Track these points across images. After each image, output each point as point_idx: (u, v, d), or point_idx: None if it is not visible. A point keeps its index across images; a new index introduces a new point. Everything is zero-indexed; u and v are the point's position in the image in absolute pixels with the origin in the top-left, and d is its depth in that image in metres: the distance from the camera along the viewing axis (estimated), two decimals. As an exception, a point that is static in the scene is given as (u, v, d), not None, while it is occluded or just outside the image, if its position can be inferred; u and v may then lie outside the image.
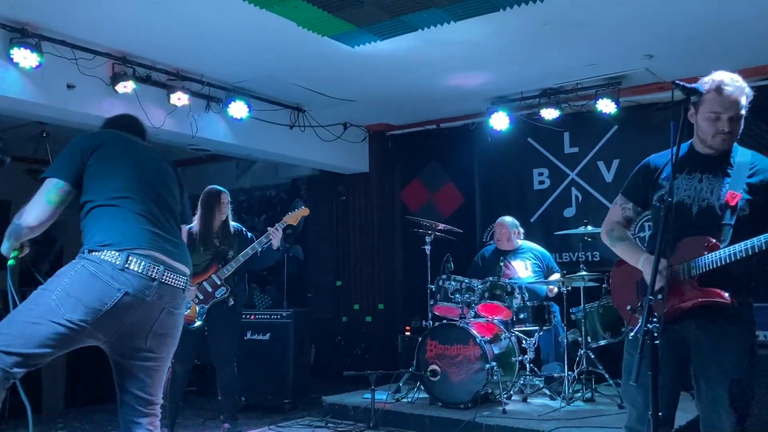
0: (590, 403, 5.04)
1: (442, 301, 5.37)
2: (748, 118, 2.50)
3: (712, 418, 2.42)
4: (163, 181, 2.76)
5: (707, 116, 2.42)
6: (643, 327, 2.05)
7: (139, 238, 2.49)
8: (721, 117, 2.40)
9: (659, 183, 2.53)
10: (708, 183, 2.46)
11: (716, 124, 2.41)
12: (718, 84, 2.41)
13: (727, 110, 2.39)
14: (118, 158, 2.66)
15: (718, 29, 4.78)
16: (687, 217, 2.43)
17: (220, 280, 4.69)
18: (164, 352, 2.63)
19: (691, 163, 2.49)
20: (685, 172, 2.49)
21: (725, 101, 2.39)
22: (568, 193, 6.68)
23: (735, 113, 2.40)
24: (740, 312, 2.40)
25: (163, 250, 2.53)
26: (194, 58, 5.36)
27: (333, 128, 7.06)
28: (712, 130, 2.42)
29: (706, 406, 2.44)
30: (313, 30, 4.64)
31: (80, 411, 6.10)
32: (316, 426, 5.20)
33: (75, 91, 4.93)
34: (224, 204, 4.83)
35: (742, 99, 2.40)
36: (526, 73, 5.74)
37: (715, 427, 2.42)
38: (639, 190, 2.63)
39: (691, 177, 2.48)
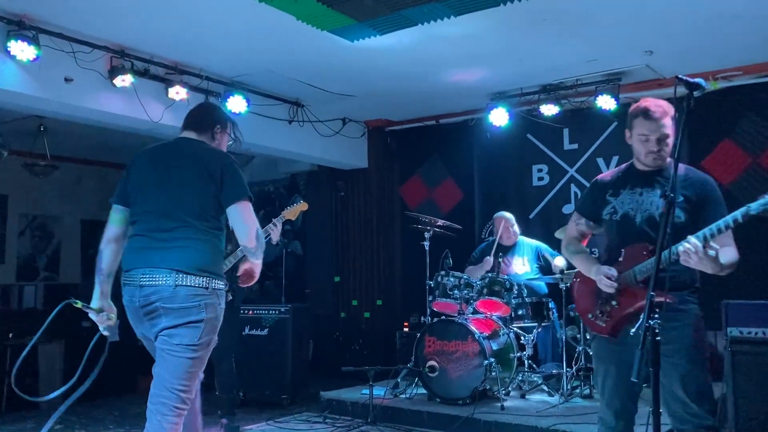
0: (588, 399, 5.04)
1: (440, 297, 5.37)
2: (748, 115, 2.60)
3: (675, 411, 2.61)
4: (174, 185, 2.88)
5: (638, 138, 2.72)
6: (645, 323, 2.07)
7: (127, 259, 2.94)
8: (650, 138, 2.67)
9: (607, 199, 2.82)
10: (647, 195, 2.73)
11: (646, 144, 2.69)
12: (644, 109, 2.69)
13: (653, 132, 2.66)
14: (135, 180, 3.02)
15: (718, 26, 4.77)
16: (632, 227, 2.71)
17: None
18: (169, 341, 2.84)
19: (632, 180, 2.79)
20: (627, 188, 2.78)
21: (652, 125, 2.66)
22: (568, 189, 6.67)
23: (661, 134, 2.66)
24: (686, 310, 2.63)
25: (145, 262, 2.82)
26: (193, 52, 5.33)
27: (332, 123, 7.04)
28: (644, 150, 2.70)
29: (668, 401, 2.61)
30: (312, 24, 4.62)
31: (77, 405, 6.08)
32: (314, 421, 5.19)
33: (73, 84, 4.90)
34: None
35: (666, 120, 2.66)
36: (525, 69, 5.72)
37: (676, 418, 2.61)
38: (590, 207, 2.92)
39: (632, 191, 2.76)
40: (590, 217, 2.92)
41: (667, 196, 2.23)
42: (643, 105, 2.71)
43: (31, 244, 8.86)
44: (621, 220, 2.75)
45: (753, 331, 3.83)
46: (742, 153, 5.74)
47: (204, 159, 2.88)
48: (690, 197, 2.63)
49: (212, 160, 2.88)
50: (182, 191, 2.84)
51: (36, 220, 8.93)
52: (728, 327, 3.87)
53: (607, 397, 2.79)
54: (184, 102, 5.54)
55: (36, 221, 8.94)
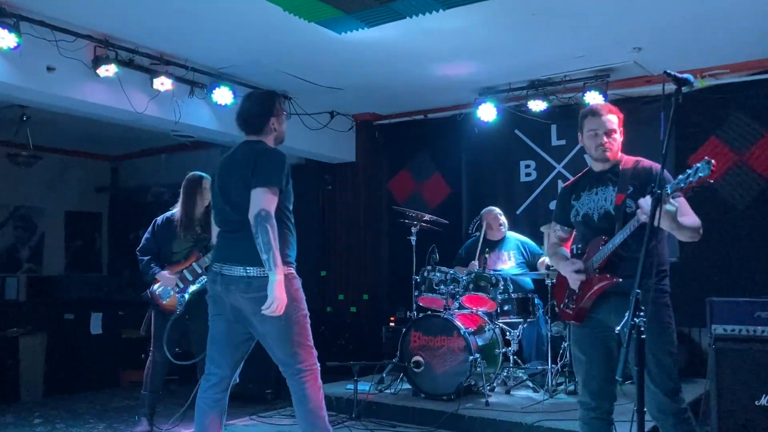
0: (573, 395, 5.03)
1: (426, 292, 5.35)
2: (735, 113, 2.62)
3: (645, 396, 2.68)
4: (230, 188, 3.23)
5: (588, 135, 3.02)
6: (630, 321, 2.08)
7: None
8: (598, 133, 2.97)
9: (572, 204, 3.10)
10: (602, 193, 3.00)
11: (595, 139, 2.98)
12: (591, 108, 3.07)
13: (600, 127, 2.97)
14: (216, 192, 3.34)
15: (706, 23, 4.77)
16: (592, 225, 2.99)
17: (201, 269, 4.63)
18: (261, 326, 3.21)
19: (589, 182, 3.08)
20: (586, 190, 3.05)
21: (598, 120, 2.98)
22: (555, 185, 6.66)
23: (607, 129, 2.96)
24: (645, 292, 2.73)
25: (221, 258, 3.24)
26: (178, 43, 5.26)
27: (320, 117, 6.99)
28: (593, 144, 2.99)
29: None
30: (299, 15, 4.57)
31: (59, 399, 6.03)
32: (298, 416, 5.15)
33: (55, 74, 4.82)
34: (206, 190, 4.76)
35: (611, 116, 2.99)
36: (514, 64, 5.71)
37: (648, 405, 2.72)
38: (561, 213, 3.19)
39: (590, 192, 3.03)
40: (563, 222, 3.19)
41: (654, 192, 2.30)
42: (590, 106, 3.10)
43: (14, 236, 8.76)
44: (582, 220, 3.02)
45: (736, 328, 3.86)
46: (729, 151, 5.76)
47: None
48: (637, 186, 2.85)
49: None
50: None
51: (18, 211, 8.83)
52: (713, 324, 3.89)
53: (584, 378, 2.98)
54: (169, 93, 5.48)
55: (18, 212, 8.83)
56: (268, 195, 3.07)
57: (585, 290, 2.93)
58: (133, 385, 6.43)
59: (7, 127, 6.95)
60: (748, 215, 5.51)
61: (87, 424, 5.12)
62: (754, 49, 5.30)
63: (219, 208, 3.30)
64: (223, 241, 3.28)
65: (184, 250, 4.68)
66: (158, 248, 4.73)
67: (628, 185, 2.85)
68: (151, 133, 6.86)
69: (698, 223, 2.75)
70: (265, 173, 3.09)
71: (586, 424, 2.98)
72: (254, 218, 3.01)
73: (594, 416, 2.95)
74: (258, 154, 3.18)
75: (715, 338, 3.84)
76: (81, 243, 9.57)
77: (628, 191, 2.83)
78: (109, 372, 6.71)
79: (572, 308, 3.00)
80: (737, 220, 5.58)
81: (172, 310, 4.62)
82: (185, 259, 4.67)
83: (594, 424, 2.95)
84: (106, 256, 9.86)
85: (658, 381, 2.74)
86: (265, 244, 3.02)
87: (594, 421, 2.95)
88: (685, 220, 2.70)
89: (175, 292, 4.61)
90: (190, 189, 4.76)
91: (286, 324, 3.17)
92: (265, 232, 3.02)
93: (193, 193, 4.73)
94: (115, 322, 6.85)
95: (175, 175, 9.59)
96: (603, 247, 2.85)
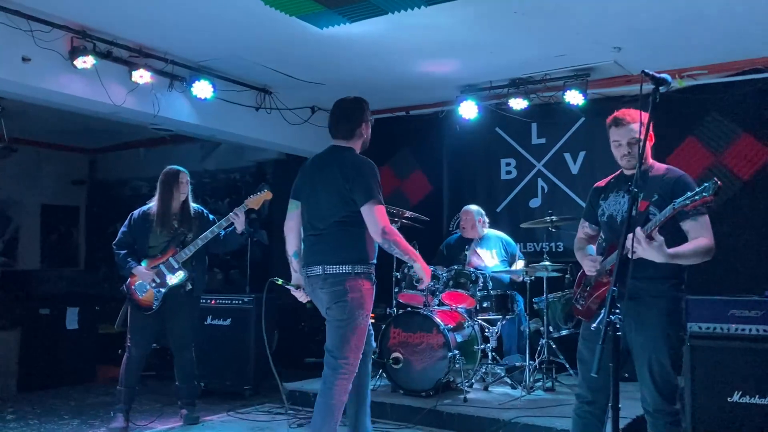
0: (550, 392, 5.08)
1: (406, 289, 5.34)
2: (712, 114, 2.64)
3: (643, 394, 2.89)
4: (321, 193, 3.57)
5: (613, 144, 3.04)
6: (606, 318, 2.10)
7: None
8: (621, 143, 2.98)
9: (599, 203, 3.16)
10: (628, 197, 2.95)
11: (619, 149, 3.00)
12: (614, 118, 3.03)
13: (623, 137, 2.97)
14: (301, 191, 3.70)
15: (685, 25, 4.82)
16: (614, 226, 3.04)
17: (178, 263, 4.60)
18: (330, 317, 3.53)
19: (618, 185, 3.12)
20: (615, 192, 3.10)
21: (621, 131, 2.97)
22: (535, 183, 6.70)
23: (630, 138, 2.95)
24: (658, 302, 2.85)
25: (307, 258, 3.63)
26: (158, 35, 5.20)
27: (300, 111, 6.95)
28: (618, 154, 3.02)
29: (640, 384, 2.90)
30: (280, 9, 4.53)
31: (33, 395, 5.94)
32: (276, 413, 5.15)
33: (31, 64, 4.74)
34: (183, 184, 4.72)
35: (635, 126, 2.93)
36: (495, 62, 5.72)
37: (645, 401, 2.88)
38: (589, 211, 3.25)
39: (617, 195, 3.08)
40: (590, 220, 3.25)
41: (630, 191, 2.35)
42: (614, 115, 3.04)
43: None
44: (607, 220, 3.09)
45: (711, 326, 3.91)
46: (706, 151, 5.83)
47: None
48: (663, 195, 2.83)
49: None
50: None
51: (-8, 204, 8.69)
52: (688, 322, 3.94)
53: (584, 373, 3.03)
54: (147, 85, 5.42)
55: (-8, 205, 8.69)
56: (379, 209, 3.41)
57: (595, 289, 3.01)
58: (109, 381, 6.36)
59: (-18, 119, 6.83)
60: (724, 215, 5.57)
61: (61, 420, 5.05)
62: (731, 50, 5.36)
63: (308, 212, 3.62)
64: (308, 245, 3.63)
65: (161, 245, 4.64)
66: (134, 242, 4.68)
67: (654, 193, 2.87)
68: (129, 126, 6.78)
69: (707, 245, 2.75)
70: (369, 188, 3.41)
71: (580, 417, 3.05)
72: (380, 237, 3.42)
73: (588, 410, 3.01)
74: (353, 166, 3.51)
75: (691, 336, 3.89)
76: (57, 237, 9.44)
77: (652, 198, 2.85)
78: (84, 367, 6.62)
79: (582, 305, 3.10)
80: (713, 221, 5.63)
81: (149, 306, 4.59)
82: (162, 253, 4.63)
83: (587, 417, 3.02)
84: (83, 250, 9.74)
85: (659, 382, 2.81)
86: (401, 252, 3.53)
87: (587, 414, 3.02)
88: (687, 248, 2.72)
89: (151, 287, 4.57)
90: (166, 183, 4.71)
91: (348, 319, 3.45)
92: (396, 244, 3.47)
93: (170, 187, 4.69)
94: (91, 317, 6.76)
95: (154, 168, 9.50)
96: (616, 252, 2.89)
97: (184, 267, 4.61)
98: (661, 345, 2.81)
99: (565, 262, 5.47)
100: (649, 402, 2.86)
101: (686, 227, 2.81)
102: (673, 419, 2.84)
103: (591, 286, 3.04)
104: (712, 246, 2.76)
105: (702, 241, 2.76)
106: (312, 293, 3.63)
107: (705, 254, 2.74)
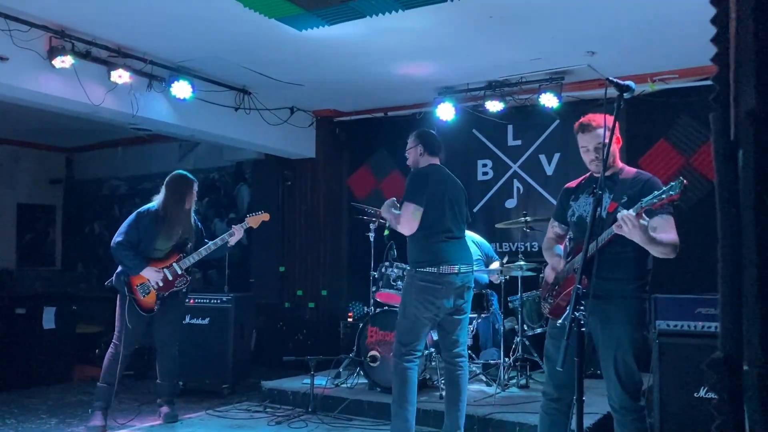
0: (525, 389, 5.18)
1: (384, 288, 5.41)
2: (683, 117, 2.70)
3: (609, 392, 2.96)
4: (460, 205, 4.14)
5: (581, 149, 3.11)
6: (570, 314, 2.17)
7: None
8: (588, 149, 3.06)
9: (569, 204, 3.22)
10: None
11: (587, 154, 3.08)
12: (581, 124, 3.09)
13: (590, 142, 3.04)
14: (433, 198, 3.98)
15: (657, 30, 4.94)
16: (583, 227, 3.01)
17: (182, 269, 4.68)
18: (461, 313, 4.08)
19: (588, 186, 3.16)
20: (584, 193, 3.16)
21: (588, 136, 3.05)
22: (510, 184, 6.81)
23: (597, 143, 3.01)
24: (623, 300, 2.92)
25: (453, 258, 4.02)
26: (137, 35, 5.21)
27: (279, 112, 6.99)
28: (587, 159, 3.09)
29: (606, 382, 2.98)
30: (259, 11, 4.57)
31: (10, 394, 5.91)
32: (254, 411, 5.18)
33: (8, 64, 4.73)
34: (194, 194, 4.81)
35: (601, 131, 2.99)
36: (472, 65, 5.81)
37: (611, 398, 2.95)
38: (559, 211, 3.32)
39: (587, 196, 3.13)
40: (560, 220, 3.31)
41: (595, 193, 2.44)
42: (580, 121, 3.11)
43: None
44: (576, 221, 3.15)
45: (679, 324, 4.02)
46: (677, 154, 5.98)
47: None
48: (632, 197, 2.89)
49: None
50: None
51: (-32, 203, 8.60)
52: (656, 320, 4.05)
53: (550, 371, 3.11)
54: (126, 85, 5.43)
55: (-32, 204, 8.60)
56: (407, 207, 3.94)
57: (563, 288, 3.08)
58: (86, 380, 6.35)
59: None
60: (693, 216, 5.72)
61: (39, 420, 5.05)
62: (702, 55, 5.41)
63: (450, 217, 4.01)
64: (450, 248, 3.98)
65: (166, 249, 4.69)
66: (139, 242, 4.65)
67: (623, 195, 2.93)
68: (107, 126, 6.76)
69: (675, 241, 2.83)
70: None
71: (547, 414, 3.14)
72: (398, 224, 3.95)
73: (555, 407, 3.10)
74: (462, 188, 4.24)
75: (659, 333, 4.00)
76: (33, 236, 9.37)
77: (621, 200, 2.92)
78: (61, 367, 6.60)
79: (551, 303, 3.17)
80: (682, 221, 5.76)
81: (150, 308, 4.63)
82: (165, 257, 4.67)
83: (554, 414, 3.11)
84: (59, 249, 9.68)
85: (624, 380, 2.89)
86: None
87: (554, 411, 3.11)
88: (662, 236, 2.78)
89: (154, 289, 4.60)
90: (179, 191, 4.73)
91: (401, 312, 3.98)
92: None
93: (182, 195, 4.72)
94: (68, 316, 6.74)
95: (131, 168, 9.45)
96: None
97: (186, 274, 4.71)
98: (625, 343, 2.88)
99: (540, 261, 5.56)
100: (615, 399, 2.93)
101: (654, 224, 2.88)
102: (639, 415, 2.93)
103: (559, 285, 3.11)
104: (678, 244, 2.86)
105: (674, 236, 2.85)
106: (445, 291, 3.86)
107: (674, 249, 2.83)
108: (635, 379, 2.92)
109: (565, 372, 2.95)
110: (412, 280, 3.93)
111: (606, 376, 2.95)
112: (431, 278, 3.85)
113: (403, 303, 4.00)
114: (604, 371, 2.96)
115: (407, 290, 3.96)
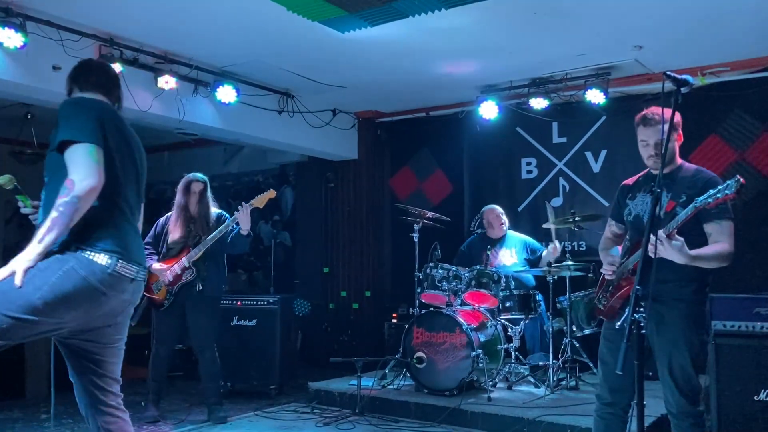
0: (574, 391, 5.09)
1: (429, 289, 5.39)
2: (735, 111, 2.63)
3: (666, 396, 2.87)
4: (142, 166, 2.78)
5: (640, 144, 2.98)
6: (630, 316, 2.12)
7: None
8: (648, 143, 2.93)
9: (626, 203, 3.12)
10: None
11: (646, 149, 2.95)
12: (642, 117, 2.94)
13: (650, 137, 2.91)
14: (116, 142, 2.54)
15: (706, 21, 4.80)
16: (640, 226, 2.97)
17: (189, 262, 4.77)
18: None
19: (646, 184, 3.06)
20: (642, 191, 3.05)
21: (649, 131, 2.91)
22: (556, 182, 6.70)
23: (657, 139, 2.87)
24: (680, 303, 2.83)
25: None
26: (182, 41, 5.30)
27: (322, 114, 7.03)
28: (645, 154, 2.97)
29: (662, 386, 2.89)
30: (303, 15, 4.60)
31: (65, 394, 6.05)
32: (301, 412, 5.21)
33: (61, 72, 4.84)
34: (194, 193, 4.93)
35: (664, 126, 2.80)
36: (515, 62, 5.74)
37: (668, 403, 2.86)
38: (616, 210, 3.23)
39: (644, 194, 3.03)
40: (617, 219, 3.22)
41: (653, 191, 2.35)
42: (642, 113, 2.96)
43: (19, 233, 8.80)
44: (633, 220, 3.04)
45: (736, 324, 3.89)
46: (729, 148, 5.80)
47: None
48: (692, 196, 2.75)
49: None
50: None
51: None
52: (713, 320, 3.92)
53: (604, 374, 3.01)
54: (173, 91, 5.52)
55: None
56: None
57: (617, 289, 2.99)
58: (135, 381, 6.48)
59: (12, 125, 7.00)
60: (748, 213, 5.54)
61: (93, 420, 5.16)
62: (754, 47, 5.32)
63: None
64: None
65: (178, 246, 4.88)
66: (158, 244, 4.96)
67: (682, 194, 2.82)
68: (153, 131, 6.89)
69: (723, 251, 2.73)
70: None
71: (602, 418, 3.03)
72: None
73: (609, 411, 2.99)
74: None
75: (715, 334, 3.87)
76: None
77: (680, 200, 2.81)
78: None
79: (604, 304, 3.09)
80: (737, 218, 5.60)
81: (162, 303, 4.79)
82: (178, 254, 4.83)
83: (608, 418, 3.00)
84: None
85: (681, 385, 2.80)
86: None
87: (609, 415, 3.00)
88: (705, 251, 2.70)
89: (164, 285, 4.76)
90: (179, 190, 4.96)
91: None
92: None
93: (182, 193, 4.93)
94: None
95: (177, 172, 9.62)
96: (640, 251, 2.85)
97: (194, 266, 4.78)
98: (681, 347, 2.80)
99: (588, 261, 5.48)
100: (672, 404, 2.84)
101: (708, 229, 2.78)
102: (698, 420, 2.84)
103: (614, 286, 3.03)
104: (732, 252, 2.74)
105: (722, 246, 2.74)
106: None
107: (724, 259, 2.73)
108: (693, 383, 2.82)
109: (620, 375, 2.90)
110: None
111: (663, 380, 2.87)
112: None
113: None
114: (660, 376, 2.87)
115: None
